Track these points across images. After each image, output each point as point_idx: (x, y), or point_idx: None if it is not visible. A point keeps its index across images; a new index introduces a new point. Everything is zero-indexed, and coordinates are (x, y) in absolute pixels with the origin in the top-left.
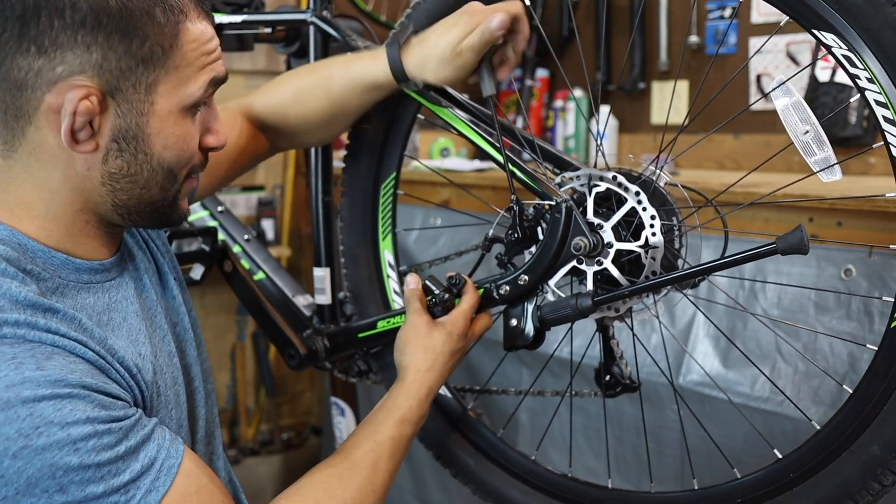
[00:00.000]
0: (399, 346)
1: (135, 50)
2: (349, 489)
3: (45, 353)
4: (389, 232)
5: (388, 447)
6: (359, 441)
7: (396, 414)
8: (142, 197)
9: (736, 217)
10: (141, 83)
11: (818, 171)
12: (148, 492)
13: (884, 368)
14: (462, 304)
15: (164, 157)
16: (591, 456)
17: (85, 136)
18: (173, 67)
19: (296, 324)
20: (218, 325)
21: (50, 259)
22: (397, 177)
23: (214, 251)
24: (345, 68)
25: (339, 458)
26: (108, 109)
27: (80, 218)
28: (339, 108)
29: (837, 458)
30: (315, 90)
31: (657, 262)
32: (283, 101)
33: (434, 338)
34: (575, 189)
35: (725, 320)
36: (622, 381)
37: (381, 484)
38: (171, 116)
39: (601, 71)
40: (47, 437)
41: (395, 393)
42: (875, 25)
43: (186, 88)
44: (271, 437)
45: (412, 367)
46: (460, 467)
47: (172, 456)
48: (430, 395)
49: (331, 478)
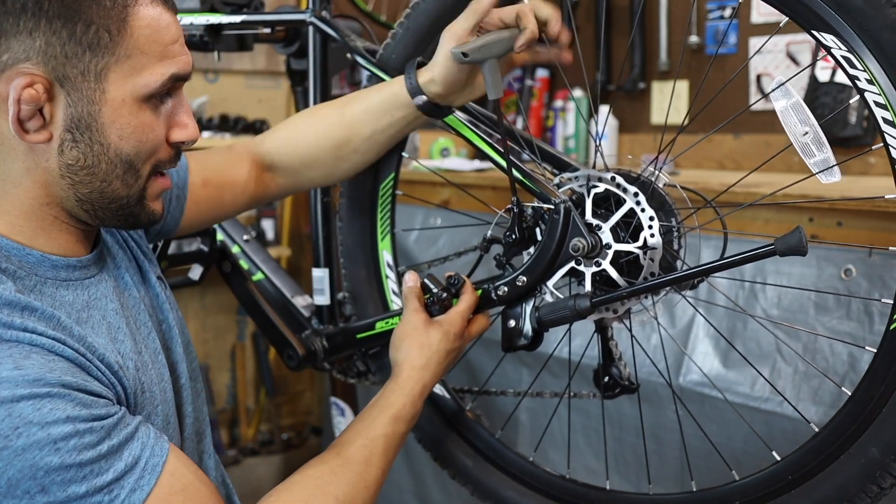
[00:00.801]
0: (395, 343)
1: (79, 35)
2: (341, 485)
3: (22, 352)
4: (388, 232)
5: (382, 444)
6: (352, 437)
7: (390, 411)
8: (104, 191)
9: (736, 218)
10: (90, 70)
11: (817, 172)
12: (132, 491)
13: (883, 370)
14: (460, 304)
15: (121, 148)
16: (591, 457)
17: (35, 125)
18: (124, 55)
19: (294, 324)
20: (218, 325)
21: (25, 257)
22: (396, 177)
23: (213, 251)
24: (363, 92)
25: (332, 455)
26: (58, 98)
27: (48, 212)
28: (352, 131)
29: (836, 461)
30: (330, 108)
31: (656, 264)
32: (296, 132)
33: (430, 336)
34: (573, 190)
35: (725, 321)
36: (621, 382)
37: (373, 480)
38: (125, 106)
39: (601, 71)
40: (27, 438)
41: (390, 390)
42: (874, 26)
43: (141, 78)
44: (271, 437)
45: (407, 364)
46: (458, 468)
47: (157, 454)
48: (424, 393)
49: (323, 474)
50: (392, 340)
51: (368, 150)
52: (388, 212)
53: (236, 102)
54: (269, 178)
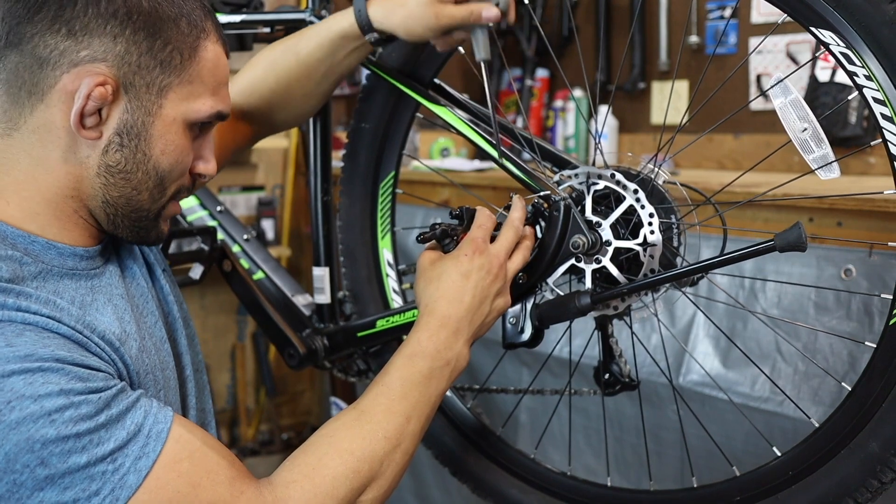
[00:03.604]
0: (414, 293)
1: (156, 51)
2: (356, 439)
3: (15, 330)
4: (388, 231)
5: (399, 387)
6: (368, 389)
7: (405, 350)
8: (131, 199)
9: (735, 217)
10: (154, 84)
11: (816, 168)
12: (137, 458)
13: (882, 365)
14: (472, 227)
15: (160, 163)
16: (591, 456)
17: (92, 122)
18: (187, 80)
19: (295, 323)
20: (218, 325)
21: (31, 244)
22: (396, 176)
23: (213, 251)
24: (313, 29)
25: (348, 410)
26: (119, 101)
27: (70, 204)
28: (310, 69)
29: (836, 456)
30: (286, 54)
31: (656, 260)
32: (255, 78)
33: (437, 267)
34: (573, 187)
35: (725, 320)
36: (621, 379)
37: (395, 429)
38: (174, 125)
39: (601, 71)
40: (20, 411)
41: (408, 335)
42: (873, 23)
43: (195, 103)
44: (271, 437)
45: (420, 304)
46: (459, 466)
47: (161, 421)
48: (447, 325)
49: (336, 430)
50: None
51: (330, 80)
52: (388, 210)
53: None
54: (241, 127)
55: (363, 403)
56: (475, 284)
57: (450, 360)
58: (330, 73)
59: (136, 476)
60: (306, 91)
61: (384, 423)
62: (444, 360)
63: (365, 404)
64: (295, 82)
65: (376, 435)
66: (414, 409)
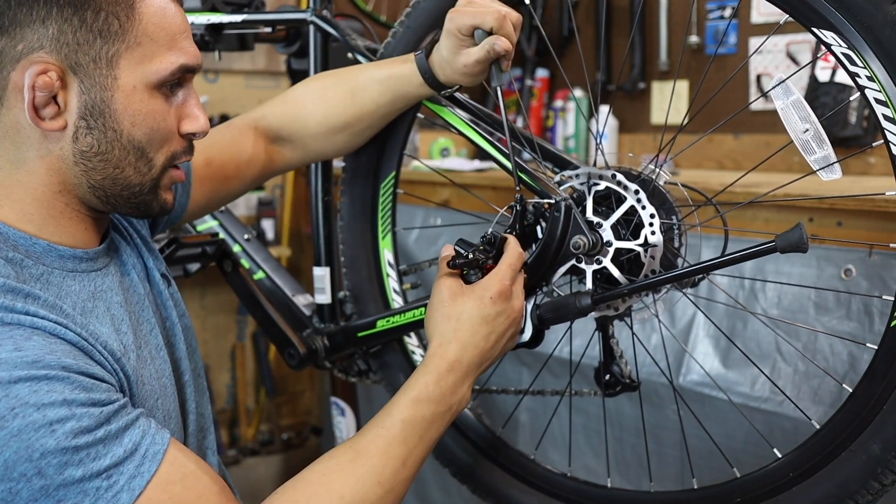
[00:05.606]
0: (425, 320)
1: (90, 22)
2: (349, 481)
3: (23, 334)
4: (389, 231)
5: (399, 431)
6: (367, 428)
7: (410, 393)
8: (116, 178)
9: (736, 217)
10: (101, 57)
11: (818, 169)
12: (132, 477)
13: (884, 367)
14: (501, 264)
15: (133, 135)
16: (591, 457)
17: (50, 112)
18: (134, 42)
19: (295, 323)
20: (218, 325)
21: (32, 246)
22: (397, 175)
23: (214, 250)
24: (372, 70)
25: (344, 448)
26: (72, 85)
27: (61, 200)
28: (363, 112)
29: (837, 458)
30: (339, 88)
31: (656, 261)
32: (302, 106)
33: (458, 304)
34: (574, 188)
35: (725, 321)
36: (622, 380)
37: (390, 474)
38: (136, 92)
39: (601, 71)
40: (22, 419)
41: (415, 371)
42: (875, 23)
43: (151, 65)
44: (271, 437)
45: (433, 339)
46: (459, 467)
47: (158, 443)
48: (456, 370)
49: (330, 470)
50: (425, 318)
51: (379, 124)
52: (388, 210)
53: (236, 102)
54: (275, 151)
55: (361, 443)
56: (492, 330)
57: (452, 405)
58: (378, 118)
59: (129, 495)
60: (347, 128)
61: (380, 466)
62: (448, 405)
63: (362, 444)
64: (342, 120)
65: (370, 480)
66: (411, 453)
